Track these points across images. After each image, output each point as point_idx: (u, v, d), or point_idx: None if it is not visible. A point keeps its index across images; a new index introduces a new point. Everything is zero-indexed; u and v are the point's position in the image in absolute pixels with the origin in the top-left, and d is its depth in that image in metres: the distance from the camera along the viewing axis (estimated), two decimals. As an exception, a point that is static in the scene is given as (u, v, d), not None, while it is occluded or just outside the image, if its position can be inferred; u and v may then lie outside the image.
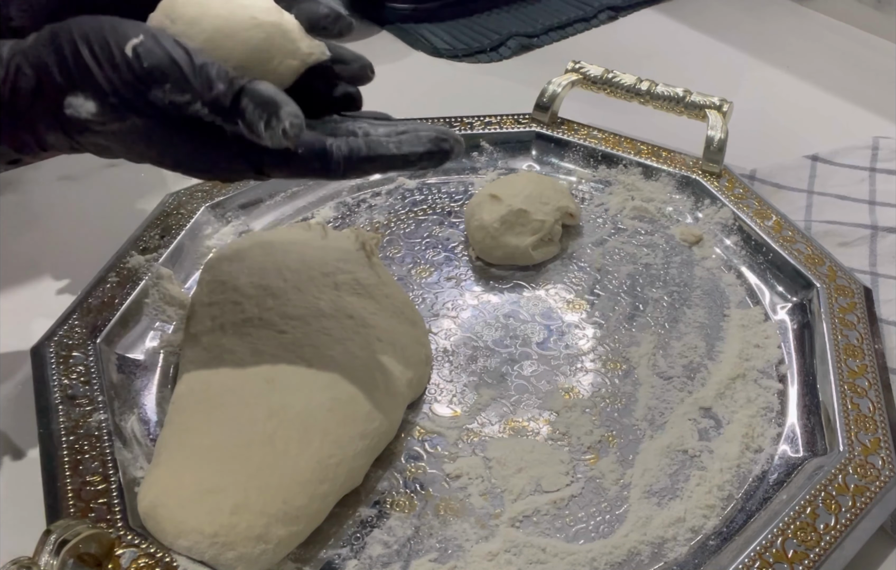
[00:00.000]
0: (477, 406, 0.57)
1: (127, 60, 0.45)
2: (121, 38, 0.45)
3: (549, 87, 0.80)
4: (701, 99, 0.76)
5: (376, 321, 0.57)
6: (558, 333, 0.62)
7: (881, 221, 0.71)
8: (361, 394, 0.52)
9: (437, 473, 0.53)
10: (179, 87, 0.45)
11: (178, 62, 0.45)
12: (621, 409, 0.57)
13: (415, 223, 0.72)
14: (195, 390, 0.53)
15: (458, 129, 0.78)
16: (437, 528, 0.50)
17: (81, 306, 0.59)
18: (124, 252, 0.64)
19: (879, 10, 1.00)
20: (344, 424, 0.50)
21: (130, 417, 0.54)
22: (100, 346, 0.57)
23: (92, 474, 0.49)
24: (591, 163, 0.77)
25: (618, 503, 0.51)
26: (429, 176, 0.77)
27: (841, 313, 0.60)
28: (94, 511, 0.47)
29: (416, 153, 0.48)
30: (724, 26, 1.05)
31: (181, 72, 0.45)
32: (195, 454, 0.49)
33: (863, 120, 0.87)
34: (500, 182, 0.71)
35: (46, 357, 0.55)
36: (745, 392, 0.57)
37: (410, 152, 0.48)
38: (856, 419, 0.53)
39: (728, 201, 0.70)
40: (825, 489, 0.49)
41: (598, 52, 0.99)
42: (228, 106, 0.45)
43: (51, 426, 0.51)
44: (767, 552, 0.46)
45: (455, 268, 0.68)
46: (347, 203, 0.74)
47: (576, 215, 0.70)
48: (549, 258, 0.68)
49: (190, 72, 0.45)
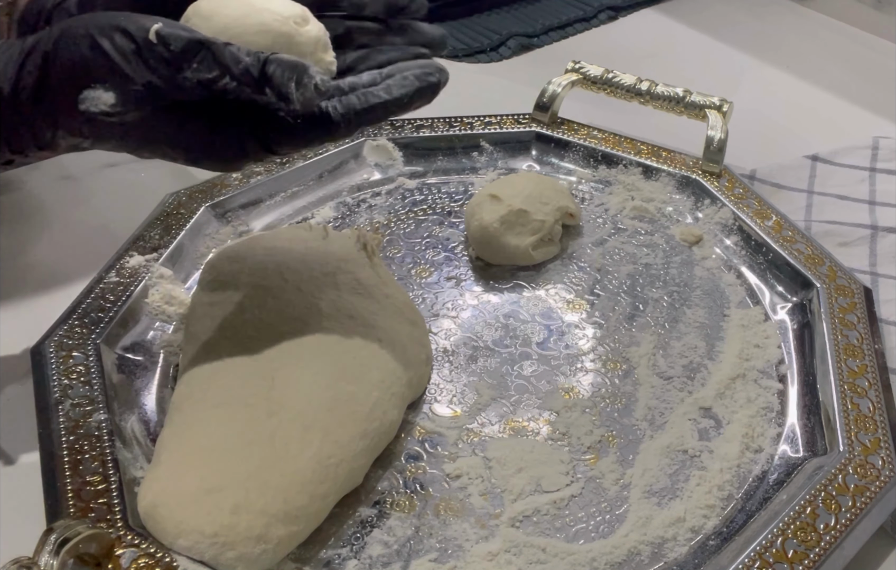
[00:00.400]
0: (477, 406, 0.57)
1: (151, 45, 0.46)
2: (139, 26, 0.46)
3: (549, 87, 0.80)
4: (701, 99, 0.76)
5: (377, 321, 0.57)
6: (558, 333, 0.62)
7: (881, 221, 0.71)
8: (361, 394, 0.52)
9: (437, 473, 0.53)
10: (207, 65, 0.46)
11: (203, 42, 0.46)
12: (621, 409, 0.57)
13: (415, 223, 0.72)
14: (195, 391, 0.53)
15: (458, 129, 0.79)
16: (437, 528, 0.50)
17: (81, 305, 0.60)
18: (124, 252, 0.64)
19: (879, 10, 1.00)
20: (344, 424, 0.50)
21: (130, 417, 0.54)
22: (100, 346, 0.57)
23: (92, 474, 0.49)
24: (591, 163, 0.77)
25: (618, 503, 0.51)
26: (429, 176, 0.77)
27: (841, 313, 0.60)
28: (94, 511, 0.47)
29: (408, 94, 0.50)
30: (724, 26, 1.05)
31: (209, 50, 0.46)
32: (195, 454, 0.49)
33: (863, 120, 0.87)
34: (500, 182, 0.71)
35: (46, 357, 0.55)
36: (745, 392, 0.57)
37: (402, 94, 0.50)
38: (856, 419, 0.53)
39: (728, 201, 0.70)
40: (825, 489, 0.49)
41: (598, 53, 0.99)
42: (258, 75, 0.46)
43: (51, 426, 0.51)
44: (767, 552, 0.46)
45: (455, 268, 0.68)
46: (347, 203, 0.74)
47: (576, 215, 0.70)
48: (549, 258, 0.68)
49: (217, 49, 0.46)
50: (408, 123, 0.78)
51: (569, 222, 0.70)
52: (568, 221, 0.70)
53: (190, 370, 0.54)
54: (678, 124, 0.77)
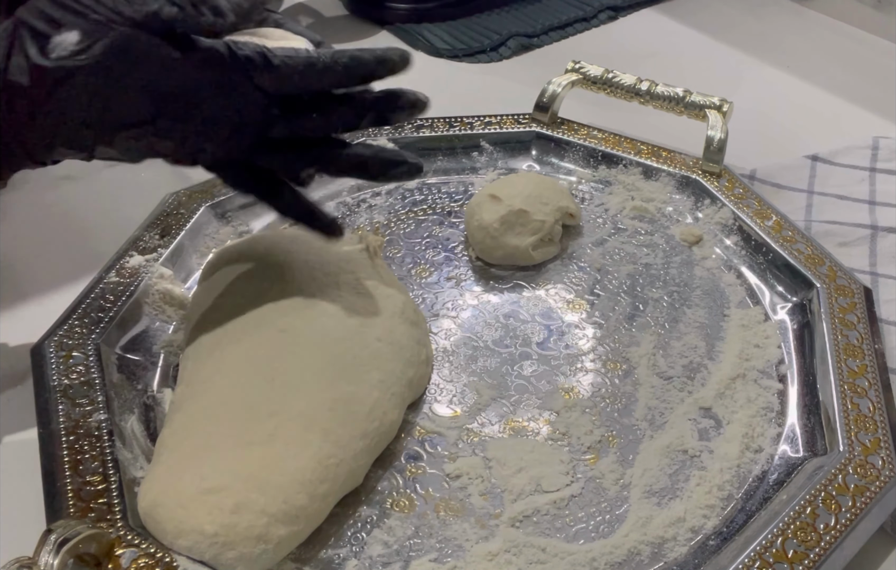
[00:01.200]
0: (477, 406, 0.57)
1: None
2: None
3: (549, 88, 0.80)
4: (701, 99, 0.76)
5: (377, 321, 0.57)
6: (558, 333, 0.62)
7: (881, 221, 0.71)
8: (361, 394, 0.52)
9: (437, 473, 0.53)
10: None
11: None
12: (621, 409, 0.57)
13: (415, 223, 0.72)
14: (195, 391, 0.53)
15: (458, 129, 0.79)
16: (437, 528, 0.50)
17: (81, 305, 0.60)
18: (124, 252, 0.64)
19: (879, 10, 1.00)
20: (344, 424, 0.50)
21: (130, 417, 0.54)
22: (100, 346, 0.57)
23: (92, 473, 0.49)
24: (591, 163, 0.77)
25: (618, 503, 0.51)
26: (429, 176, 0.77)
27: (841, 313, 0.60)
28: (94, 511, 0.47)
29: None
30: (724, 26, 1.05)
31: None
32: (195, 454, 0.49)
33: (863, 120, 0.87)
34: (501, 182, 0.71)
35: (46, 357, 0.55)
36: (746, 392, 0.57)
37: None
38: (856, 419, 0.53)
39: (728, 201, 0.70)
40: (825, 489, 0.49)
41: (598, 53, 0.99)
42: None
43: (51, 426, 0.51)
44: (767, 552, 0.46)
45: (455, 268, 0.68)
46: (347, 203, 0.74)
47: (576, 215, 0.70)
48: (549, 258, 0.68)
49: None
50: (407, 123, 0.78)
51: (569, 222, 0.70)
52: (568, 221, 0.70)
53: (190, 370, 0.54)
54: (678, 124, 0.77)
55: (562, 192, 0.70)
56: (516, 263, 0.67)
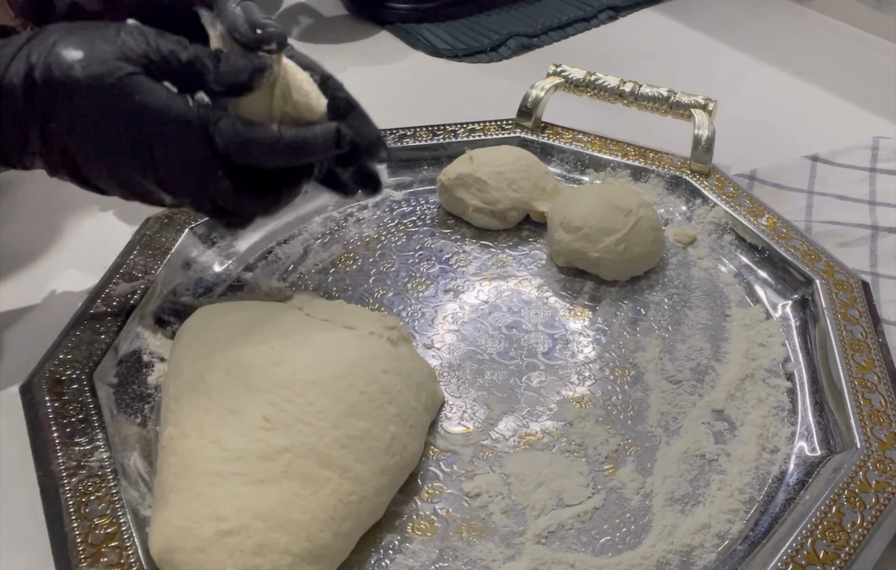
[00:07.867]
0: (489, 421, 0.56)
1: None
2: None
3: (531, 92, 0.79)
4: (686, 99, 0.76)
5: (378, 352, 0.54)
6: (563, 341, 0.61)
7: (881, 221, 0.71)
8: (377, 430, 0.49)
9: (455, 492, 0.52)
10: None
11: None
12: (634, 416, 0.56)
13: (405, 236, 0.70)
14: (186, 430, 0.49)
15: (441, 137, 0.77)
16: (461, 550, 0.49)
17: (69, 338, 0.57)
18: (108, 280, 0.62)
19: (879, 10, 1.01)
20: (362, 460, 0.48)
21: (132, 454, 0.52)
22: (94, 380, 0.54)
23: (99, 516, 0.47)
24: (579, 167, 0.76)
25: (641, 513, 0.51)
26: (415, 186, 0.75)
27: (843, 308, 0.60)
28: (106, 556, 0.45)
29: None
30: (724, 26, 1.05)
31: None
32: (205, 494, 0.46)
33: (863, 120, 0.87)
34: (490, 150, 0.73)
35: (39, 396, 0.53)
36: (756, 392, 0.57)
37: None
38: (869, 415, 0.53)
39: (719, 201, 0.70)
40: (848, 487, 0.49)
41: (598, 53, 0.99)
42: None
43: (50, 468, 0.49)
44: (799, 554, 0.46)
45: (451, 280, 0.66)
46: (335, 218, 0.72)
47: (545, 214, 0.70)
48: (490, 228, 0.70)
49: None
50: (390, 134, 0.77)
51: (536, 219, 0.71)
52: (536, 218, 0.70)
53: (175, 410, 0.50)
54: (669, 126, 0.76)
55: (543, 189, 0.70)
56: (456, 214, 0.72)
